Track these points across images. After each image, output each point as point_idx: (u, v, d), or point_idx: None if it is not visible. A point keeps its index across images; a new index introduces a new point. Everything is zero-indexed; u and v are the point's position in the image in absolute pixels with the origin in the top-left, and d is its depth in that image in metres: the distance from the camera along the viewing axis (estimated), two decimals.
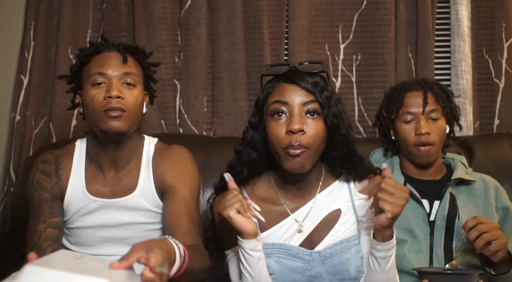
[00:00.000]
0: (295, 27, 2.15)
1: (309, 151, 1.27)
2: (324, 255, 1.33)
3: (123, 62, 1.43)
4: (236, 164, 1.41)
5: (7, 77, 2.19)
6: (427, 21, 2.14)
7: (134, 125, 1.45)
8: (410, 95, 1.65)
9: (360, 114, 2.17)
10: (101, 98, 1.39)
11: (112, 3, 2.18)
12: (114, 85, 1.40)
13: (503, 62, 2.17)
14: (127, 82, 1.43)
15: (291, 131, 1.26)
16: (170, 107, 2.17)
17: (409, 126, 1.63)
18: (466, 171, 1.66)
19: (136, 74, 1.46)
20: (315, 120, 1.29)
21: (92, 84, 1.41)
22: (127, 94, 1.41)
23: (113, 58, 1.44)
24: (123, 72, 1.43)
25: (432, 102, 1.63)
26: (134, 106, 1.42)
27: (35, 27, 2.15)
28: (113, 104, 1.38)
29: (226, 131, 2.15)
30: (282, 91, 1.32)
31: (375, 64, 2.17)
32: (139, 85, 1.46)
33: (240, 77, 2.14)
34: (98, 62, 1.43)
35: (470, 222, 1.37)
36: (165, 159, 1.50)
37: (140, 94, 1.46)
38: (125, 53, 1.45)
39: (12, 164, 2.12)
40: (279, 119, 1.30)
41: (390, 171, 1.68)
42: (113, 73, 1.41)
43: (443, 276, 1.35)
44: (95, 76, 1.41)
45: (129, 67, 1.44)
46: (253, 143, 1.39)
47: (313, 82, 1.31)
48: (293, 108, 1.29)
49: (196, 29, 2.14)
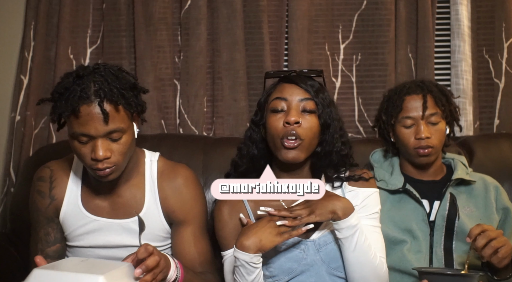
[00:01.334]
0: (295, 27, 2.15)
1: (303, 143, 1.39)
2: (319, 244, 1.39)
3: (104, 122, 1.26)
4: (237, 159, 1.54)
5: (7, 77, 2.19)
6: (427, 21, 2.14)
7: (125, 164, 1.37)
8: (409, 98, 1.64)
9: (360, 114, 2.17)
10: (87, 154, 1.29)
11: (112, 3, 2.18)
12: (99, 146, 1.27)
13: (503, 62, 2.17)
14: (113, 138, 1.29)
15: (288, 122, 1.38)
16: (170, 107, 2.17)
17: (409, 130, 1.63)
18: (466, 171, 1.66)
19: (122, 126, 1.30)
20: (311, 116, 1.42)
21: (75, 138, 1.29)
22: (115, 148, 1.30)
23: (95, 115, 1.25)
24: (107, 131, 1.27)
25: (431, 106, 1.62)
26: (123, 154, 1.32)
27: (35, 27, 2.15)
28: (100, 166, 1.28)
29: (226, 131, 2.16)
30: (282, 89, 1.46)
31: (375, 64, 2.17)
32: (127, 130, 1.32)
33: (240, 77, 2.14)
34: (79, 119, 1.26)
35: (475, 229, 1.35)
36: (173, 188, 1.45)
37: (129, 137, 1.33)
38: (105, 109, 1.25)
39: (12, 164, 2.12)
40: (278, 114, 1.42)
41: (390, 171, 1.69)
42: (97, 133, 1.26)
43: (444, 276, 1.35)
44: (79, 136, 1.28)
45: (113, 123, 1.27)
46: (253, 139, 1.52)
47: (311, 84, 1.46)
48: (291, 103, 1.42)
49: (196, 29, 2.14)
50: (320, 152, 1.45)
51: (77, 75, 1.28)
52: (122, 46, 2.17)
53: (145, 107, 1.40)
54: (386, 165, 1.73)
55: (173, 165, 1.50)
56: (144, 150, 1.52)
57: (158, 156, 1.52)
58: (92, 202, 1.44)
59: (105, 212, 1.43)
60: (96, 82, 1.26)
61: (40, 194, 1.46)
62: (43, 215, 1.45)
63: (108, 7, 2.18)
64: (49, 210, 1.45)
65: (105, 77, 1.28)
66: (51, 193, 1.45)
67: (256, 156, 1.51)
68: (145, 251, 1.15)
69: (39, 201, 1.45)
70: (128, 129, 1.32)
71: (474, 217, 1.59)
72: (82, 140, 1.28)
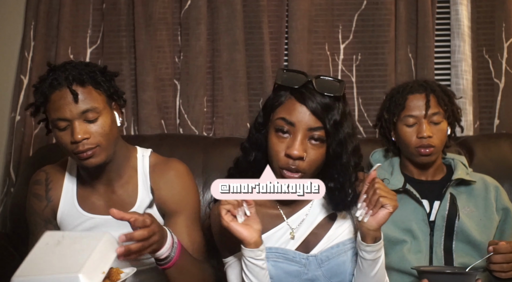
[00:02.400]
0: (295, 27, 2.15)
1: (304, 175, 1.27)
2: (321, 259, 1.33)
3: (74, 102, 1.32)
4: (243, 162, 1.40)
5: (7, 77, 2.19)
6: (427, 21, 2.14)
7: (111, 149, 1.39)
8: (412, 97, 1.64)
9: (360, 114, 2.17)
10: (67, 140, 1.33)
11: (112, 3, 2.17)
12: (76, 128, 1.31)
13: (503, 62, 2.17)
14: (88, 119, 1.33)
15: (290, 156, 1.25)
16: (170, 107, 2.17)
17: (410, 129, 1.63)
18: (466, 171, 1.66)
19: (96, 105, 1.34)
20: (318, 146, 1.28)
21: (55, 127, 1.35)
22: (93, 129, 1.33)
23: (67, 98, 1.32)
24: (81, 111, 1.32)
25: (434, 105, 1.62)
26: (103, 136, 1.35)
27: (35, 27, 2.15)
28: (80, 148, 1.32)
29: (226, 131, 2.15)
30: (292, 109, 1.27)
31: (375, 64, 2.17)
32: (103, 111, 1.36)
33: (240, 77, 2.14)
34: (53, 106, 1.33)
35: (505, 249, 1.36)
36: (165, 180, 1.46)
37: (107, 119, 1.36)
38: (75, 89, 1.32)
39: (12, 164, 2.12)
40: (282, 137, 1.28)
41: (390, 171, 1.69)
42: (72, 115, 1.32)
43: (443, 275, 1.35)
44: (56, 122, 1.34)
45: (85, 103, 1.33)
46: (257, 144, 1.37)
47: (325, 105, 1.26)
48: (298, 130, 1.26)
49: (196, 29, 2.14)
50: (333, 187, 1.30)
51: (50, 69, 1.38)
52: (122, 46, 2.17)
53: (121, 92, 1.44)
54: (386, 165, 1.73)
55: (165, 160, 1.51)
56: (136, 147, 1.53)
57: (150, 152, 1.53)
58: (88, 201, 1.45)
59: (101, 209, 1.44)
60: (66, 70, 1.35)
61: (36, 197, 1.47)
62: (40, 217, 1.46)
63: (108, 7, 2.18)
64: (46, 212, 1.46)
65: (75, 66, 1.37)
66: (47, 195, 1.46)
67: (261, 161, 1.37)
68: (141, 222, 1.16)
69: (36, 204, 1.47)
70: (104, 110, 1.36)
71: (474, 217, 1.59)
72: (61, 126, 1.33)
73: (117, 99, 1.44)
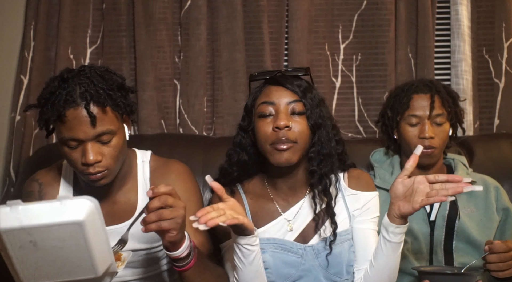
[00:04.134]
0: (295, 27, 2.15)
1: (295, 146, 1.34)
2: (318, 249, 1.38)
3: (91, 125, 1.22)
4: (227, 166, 1.49)
5: (7, 77, 2.19)
6: (427, 21, 2.14)
7: (119, 167, 1.33)
8: (417, 97, 1.64)
9: (360, 114, 2.17)
10: (77, 160, 1.25)
11: (112, 3, 2.17)
12: (89, 150, 1.23)
13: (503, 62, 2.17)
14: (102, 141, 1.25)
15: (277, 127, 1.33)
16: (170, 107, 2.17)
17: (413, 128, 1.63)
18: (466, 171, 1.67)
19: (111, 128, 1.26)
20: (301, 118, 1.37)
21: (64, 144, 1.25)
22: (105, 152, 1.26)
23: (82, 118, 1.21)
24: (96, 134, 1.23)
25: (438, 107, 1.62)
26: (115, 157, 1.28)
27: (35, 27, 2.15)
28: (91, 170, 1.24)
29: (226, 131, 2.15)
30: (269, 92, 1.40)
31: (375, 64, 2.17)
32: (117, 132, 1.28)
33: (240, 77, 2.14)
34: (67, 125, 1.22)
35: (499, 248, 1.37)
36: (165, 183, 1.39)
37: (120, 139, 1.29)
38: (92, 112, 1.22)
39: (12, 164, 2.12)
40: (266, 119, 1.37)
41: (391, 171, 1.69)
42: (86, 136, 1.23)
43: (444, 276, 1.35)
44: (68, 141, 1.24)
45: (101, 125, 1.23)
46: (243, 145, 1.47)
47: (298, 84, 1.40)
48: (279, 107, 1.37)
49: (196, 29, 2.14)
50: (314, 155, 1.39)
51: (62, 79, 1.25)
52: (122, 46, 2.17)
53: (134, 108, 1.36)
54: (386, 165, 1.73)
55: (164, 162, 1.47)
56: (135, 151, 1.48)
57: (150, 155, 1.48)
58: None
59: None
60: (82, 85, 1.23)
61: None
62: None
63: (108, 7, 2.18)
64: None
65: (90, 79, 1.25)
66: None
67: (247, 162, 1.47)
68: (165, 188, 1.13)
69: None
70: (118, 131, 1.28)
71: (475, 218, 1.59)
72: (71, 145, 1.24)
73: (130, 114, 1.35)
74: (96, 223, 0.99)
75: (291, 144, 1.33)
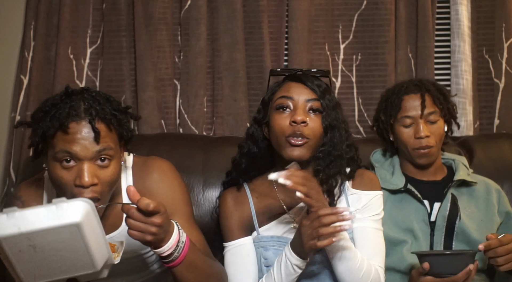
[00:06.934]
0: (295, 27, 2.15)
1: (309, 142, 1.37)
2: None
3: (95, 141, 1.16)
4: (238, 157, 1.53)
5: (7, 77, 2.19)
6: (427, 21, 2.14)
7: (110, 196, 1.25)
8: (407, 98, 1.64)
9: (360, 114, 2.17)
10: (70, 180, 1.16)
11: (112, 3, 2.17)
12: (86, 171, 1.15)
13: (503, 62, 2.17)
14: (102, 158, 1.18)
15: (294, 121, 1.36)
16: (170, 107, 2.17)
17: (408, 129, 1.63)
18: (467, 172, 1.67)
19: (112, 147, 1.19)
20: (317, 116, 1.40)
21: (58, 161, 1.16)
22: (102, 175, 1.17)
23: (85, 135, 1.15)
24: (96, 151, 1.16)
25: (430, 105, 1.62)
26: (110, 185, 1.20)
27: (35, 27, 2.15)
28: (85, 194, 1.14)
29: (226, 131, 2.15)
30: (289, 87, 1.44)
31: (375, 64, 2.17)
32: (116, 156, 1.21)
33: (240, 77, 2.14)
34: (67, 137, 1.15)
35: (494, 244, 1.37)
36: (151, 182, 1.34)
37: (117, 165, 1.22)
38: (97, 127, 1.16)
39: (12, 164, 2.11)
40: (284, 112, 1.41)
41: (391, 171, 1.69)
42: (85, 154, 1.15)
43: (442, 257, 1.38)
44: (63, 154, 1.15)
45: (103, 142, 1.17)
46: (255, 138, 1.50)
47: (318, 84, 1.43)
48: (298, 102, 1.40)
49: (196, 29, 2.14)
50: (322, 155, 1.41)
51: (65, 93, 1.20)
52: (122, 46, 2.17)
53: (134, 138, 1.29)
54: (387, 165, 1.73)
55: (144, 161, 1.39)
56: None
57: (132, 159, 1.38)
58: None
59: None
60: (86, 101, 1.18)
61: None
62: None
63: (108, 7, 2.17)
64: None
65: (95, 97, 1.20)
66: None
67: (257, 155, 1.50)
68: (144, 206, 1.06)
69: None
70: (116, 155, 1.22)
71: (475, 218, 1.59)
72: (66, 163, 1.15)
73: (128, 142, 1.29)
74: (92, 222, 1.01)
75: (306, 140, 1.36)
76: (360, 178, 1.47)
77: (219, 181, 1.70)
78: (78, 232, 0.97)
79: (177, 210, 1.34)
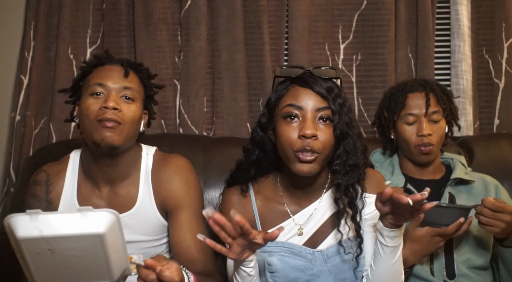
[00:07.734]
0: (295, 27, 2.15)
1: (320, 156, 1.28)
2: (327, 254, 1.35)
3: (124, 76, 1.40)
4: (244, 162, 1.44)
5: (7, 77, 2.19)
6: (427, 21, 2.14)
7: (128, 140, 1.38)
8: (412, 96, 1.65)
9: (360, 114, 2.17)
10: (97, 107, 1.34)
11: (112, 3, 2.18)
12: (112, 97, 1.35)
13: (503, 62, 2.17)
14: (126, 95, 1.39)
15: (304, 136, 1.26)
16: (170, 107, 2.17)
17: (410, 127, 1.64)
18: (465, 171, 1.67)
19: (136, 90, 1.41)
20: (327, 126, 1.30)
21: (90, 94, 1.37)
22: (125, 107, 1.37)
23: (115, 71, 1.41)
24: (123, 86, 1.39)
25: (434, 104, 1.63)
26: (131, 120, 1.37)
27: (35, 27, 2.15)
28: (108, 115, 1.33)
29: (226, 131, 2.15)
30: (297, 94, 1.32)
31: (375, 64, 2.17)
32: (138, 101, 1.42)
33: (240, 77, 2.14)
34: (99, 74, 1.40)
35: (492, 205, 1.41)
36: (166, 175, 1.45)
37: (139, 110, 1.42)
38: (127, 67, 1.43)
39: (12, 164, 2.12)
40: (291, 123, 1.30)
41: (391, 171, 1.69)
42: (113, 85, 1.38)
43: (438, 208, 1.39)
44: (94, 86, 1.37)
45: (130, 82, 1.41)
46: (261, 143, 1.41)
47: (328, 88, 1.31)
48: (307, 113, 1.29)
49: (196, 29, 2.14)
50: (339, 168, 1.31)
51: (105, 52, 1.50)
52: (122, 46, 2.17)
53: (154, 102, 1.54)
54: (386, 165, 1.74)
55: (165, 156, 1.50)
56: (142, 145, 1.52)
57: (155, 150, 1.52)
58: (88, 202, 1.43)
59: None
60: (121, 61, 1.45)
61: (36, 198, 1.44)
62: None
63: (108, 7, 2.18)
64: None
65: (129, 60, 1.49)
66: (47, 197, 1.44)
67: (263, 161, 1.43)
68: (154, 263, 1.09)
69: (34, 205, 1.42)
70: (138, 102, 1.42)
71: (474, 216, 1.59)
72: (96, 90, 1.36)
73: (150, 108, 1.53)
74: (116, 233, 1.00)
75: (316, 155, 1.27)
76: (369, 180, 1.41)
77: (219, 181, 1.70)
78: (100, 242, 0.97)
79: (187, 204, 1.43)
